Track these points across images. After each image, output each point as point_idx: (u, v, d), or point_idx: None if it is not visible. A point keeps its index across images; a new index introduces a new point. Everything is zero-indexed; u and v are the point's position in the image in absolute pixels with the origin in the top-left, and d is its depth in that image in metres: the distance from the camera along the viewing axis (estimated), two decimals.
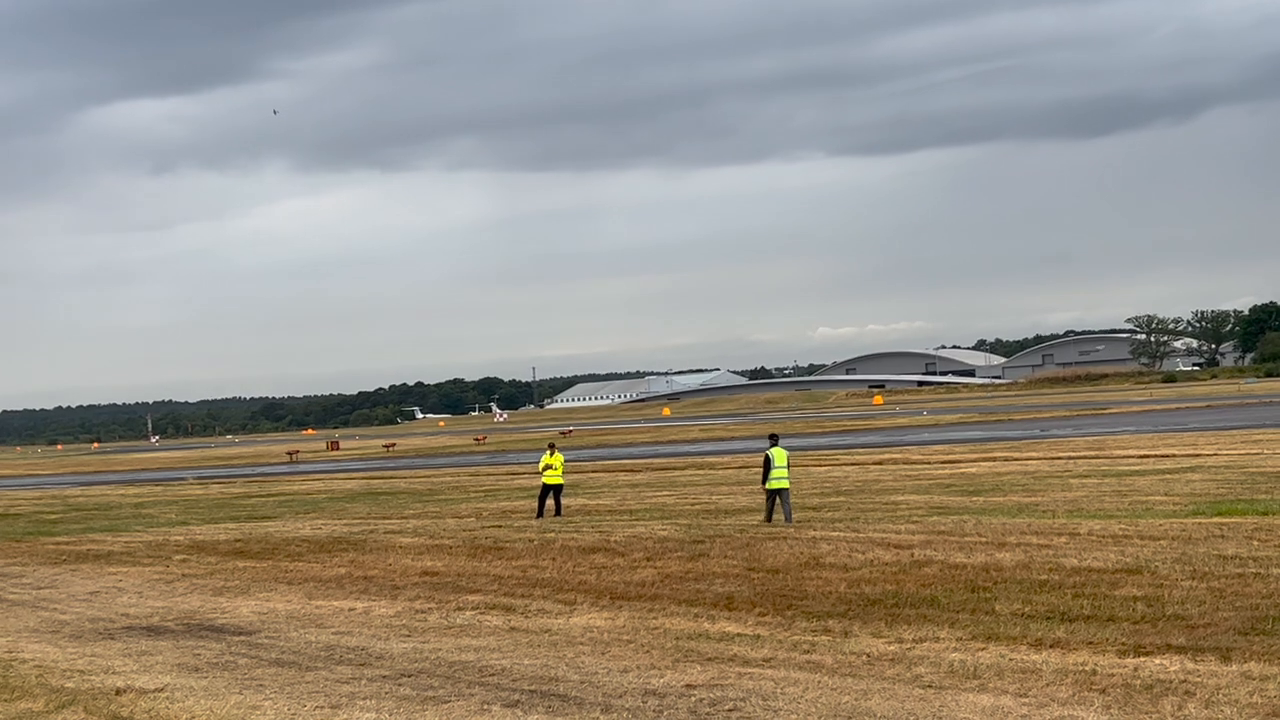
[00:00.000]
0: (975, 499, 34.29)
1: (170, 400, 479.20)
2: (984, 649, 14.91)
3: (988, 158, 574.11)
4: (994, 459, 52.08)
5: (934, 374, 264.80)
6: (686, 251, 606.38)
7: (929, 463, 52.89)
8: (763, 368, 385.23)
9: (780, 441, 31.03)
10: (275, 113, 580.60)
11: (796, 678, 13.94)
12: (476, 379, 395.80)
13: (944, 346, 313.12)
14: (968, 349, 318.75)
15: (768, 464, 30.19)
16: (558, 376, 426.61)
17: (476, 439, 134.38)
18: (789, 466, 30.57)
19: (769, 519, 30.04)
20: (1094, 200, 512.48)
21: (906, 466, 51.59)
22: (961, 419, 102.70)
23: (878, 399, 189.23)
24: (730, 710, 12.63)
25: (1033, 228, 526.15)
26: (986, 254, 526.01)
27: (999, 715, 11.91)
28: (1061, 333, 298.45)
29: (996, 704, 12.34)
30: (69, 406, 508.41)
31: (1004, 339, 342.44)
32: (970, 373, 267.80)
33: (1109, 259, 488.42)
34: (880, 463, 54.87)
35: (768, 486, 30.27)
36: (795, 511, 30.48)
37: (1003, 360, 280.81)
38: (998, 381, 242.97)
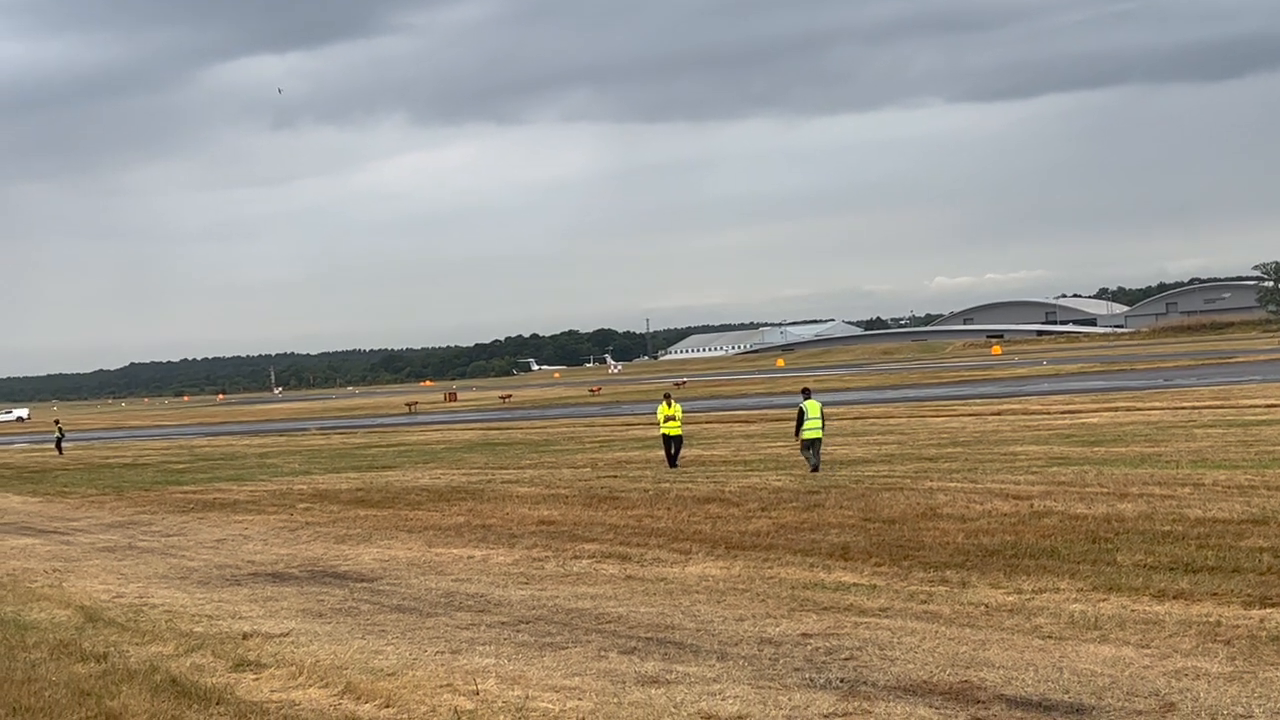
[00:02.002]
0: (1096, 449, 33.74)
1: (292, 353, 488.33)
2: (1105, 600, 14.71)
3: (1112, 103, 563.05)
4: (1116, 409, 51.17)
5: (1054, 323, 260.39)
6: (802, 202, 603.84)
7: (1049, 413, 52.12)
8: (879, 318, 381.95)
9: (813, 395, 32.55)
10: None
11: (913, 627, 13.87)
12: (591, 331, 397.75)
13: (1065, 295, 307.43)
14: (1089, 298, 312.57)
15: (801, 416, 31.57)
16: (672, 328, 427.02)
17: (591, 390, 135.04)
18: (823, 419, 31.82)
19: (813, 468, 31.16)
20: (1222, 144, 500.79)
21: (1025, 417, 50.90)
22: (1082, 369, 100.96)
23: (996, 349, 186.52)
24: (846, 659, 12.60)
25: (1157, 173, 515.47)
26: (1109, 201, 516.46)
27: (1120, 666, 11.75)
28: (1186, 280, 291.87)
29: (1118, 655, 12.18)
30: (195, 359, 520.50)
31: (1127, 287, 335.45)
32: (1092, 322, 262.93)
33: (1236, 204, 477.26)
34: (999, 413, 54.19)
35: (802, 437, 31.59)
36: (911, 462, 30.46)
37: (1125, 309, 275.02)
38: (1120, 330, 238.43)
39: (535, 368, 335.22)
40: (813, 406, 31.61)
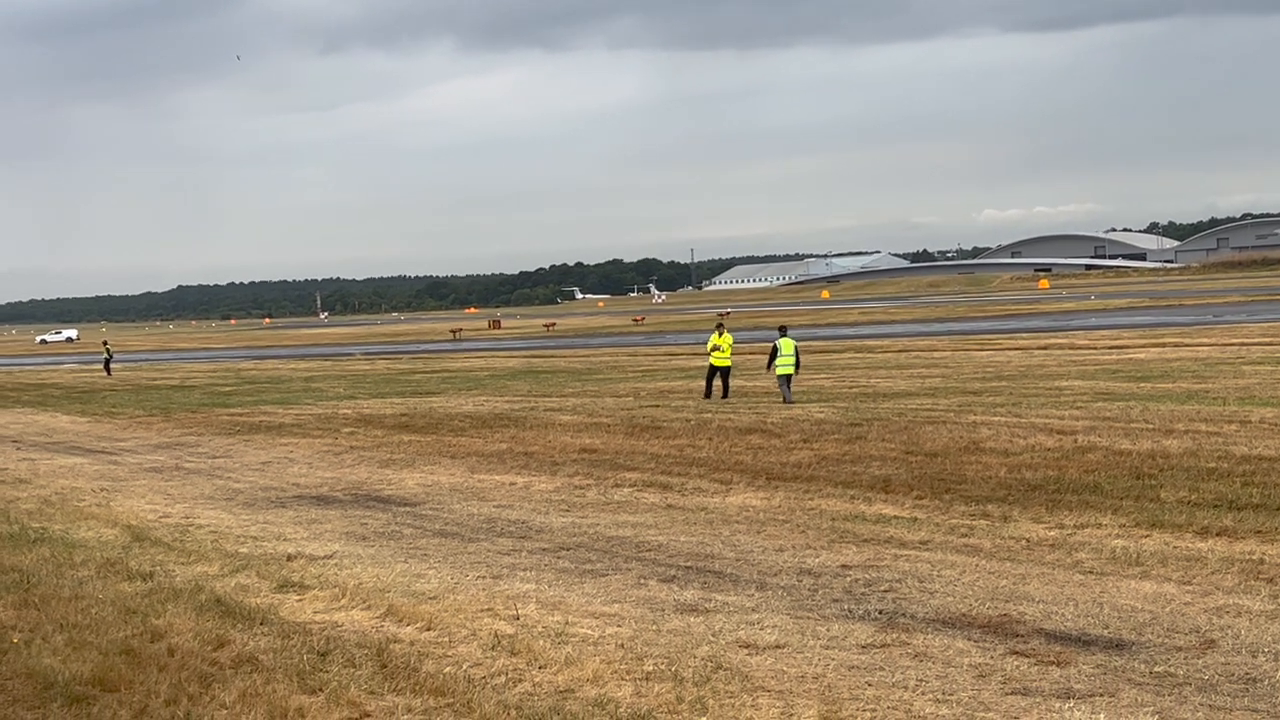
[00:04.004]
0: (1143, 385, 33.50)
1: (338, 278, 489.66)
2: (1148, 536, 14.65)
3: (1166, 33, 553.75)
4: (1163, 345, 50.76)
5: (1103, 257, 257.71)
6: (850, 132, 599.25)
7: (1095, 348, 51.77)
8: (925, 251, 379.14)
9: (789, 332, 35.06)
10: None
11: (953, 560, 13.87)
12: (635, 260, 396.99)
13: (1114, 229, 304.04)
14: (1139, 232, 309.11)
15: (774, 352, 33.66)
16: (716, 258, 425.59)
17: (635, 319, 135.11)
18: (797, 355, 33.74)
19: (786, 400, 32.85)
20: (1276, 77, 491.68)
21: (1072, 352, 50.58)
22: (1130, 304, 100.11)
23: (1043, 283, 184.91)
24: (886, 591, 12.62)
25: (1210, 106, 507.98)
26: (1161, 134, 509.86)
27: (1161, 602, 11.72)
28: (1238, 215, 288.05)
29: (1159, 591, 12.13)
30: (241, 283, 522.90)
31: (1177, 222, 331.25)
32: (1141, 256, 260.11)
33: None
34: (1045, 348, 53.88)
35: (776, 372, 33.61)
36: (955, 395, 30.46)
37: (1175, 244, 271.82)
38: (1170, 265, 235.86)
39: (579, 296, 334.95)
40: (787, 344, 33.58)
